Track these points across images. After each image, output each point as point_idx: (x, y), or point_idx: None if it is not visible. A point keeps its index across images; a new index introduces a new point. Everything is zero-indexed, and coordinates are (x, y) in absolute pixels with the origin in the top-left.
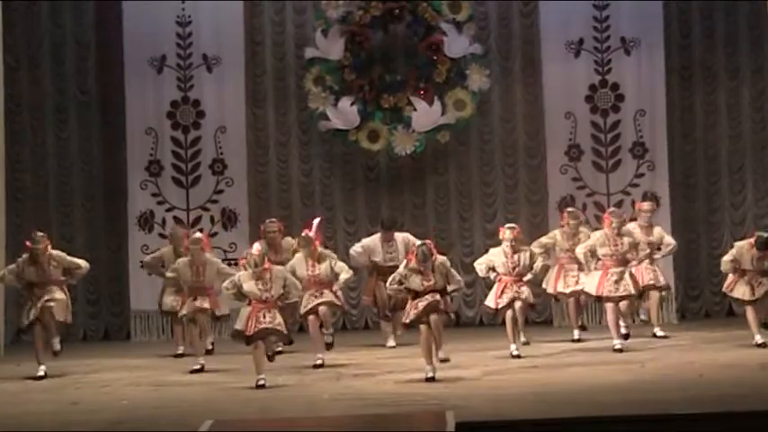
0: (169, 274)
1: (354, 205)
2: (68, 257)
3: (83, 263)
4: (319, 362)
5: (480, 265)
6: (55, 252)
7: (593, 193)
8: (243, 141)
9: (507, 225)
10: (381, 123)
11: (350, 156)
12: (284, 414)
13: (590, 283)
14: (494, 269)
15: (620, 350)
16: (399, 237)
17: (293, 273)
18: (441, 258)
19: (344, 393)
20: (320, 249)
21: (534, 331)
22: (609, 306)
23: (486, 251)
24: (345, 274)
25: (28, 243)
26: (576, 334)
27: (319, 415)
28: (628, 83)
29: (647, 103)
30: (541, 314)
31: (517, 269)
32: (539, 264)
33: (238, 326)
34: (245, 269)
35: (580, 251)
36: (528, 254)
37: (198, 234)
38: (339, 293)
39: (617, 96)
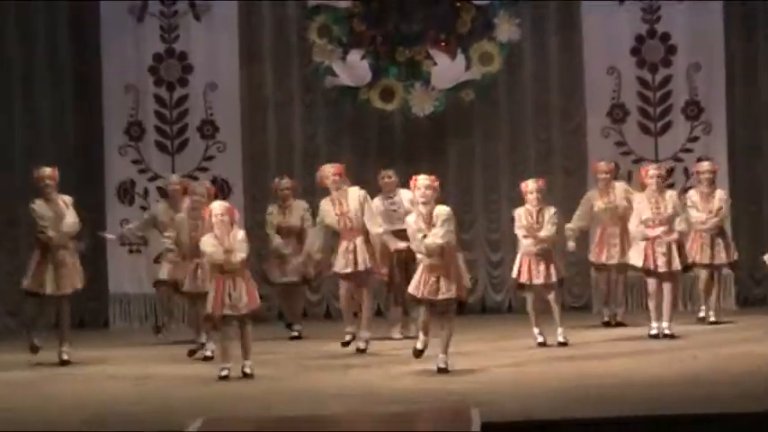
0: (168, 234)
1: (365, 173)
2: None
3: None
4: (349, 337)
5: (519, 226)
6: None
7: (640, 160)
8: (236, 101)
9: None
10: (396, 80)
11: (360, 117)
12: (285, 411)
13: (635, 251)
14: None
15: (656, 336)
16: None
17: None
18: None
19: (353, 388)
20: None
21: (570, 317)
22: (652, 282)
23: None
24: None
25: None
26: (612, 314)
27: (324, 413)
28: (680, 32)
29: (702, 55)
30: (579, 298)
31: (543, 229)
32: (552, 224)
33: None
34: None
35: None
36: (553, 210)
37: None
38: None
39: (668, 48)
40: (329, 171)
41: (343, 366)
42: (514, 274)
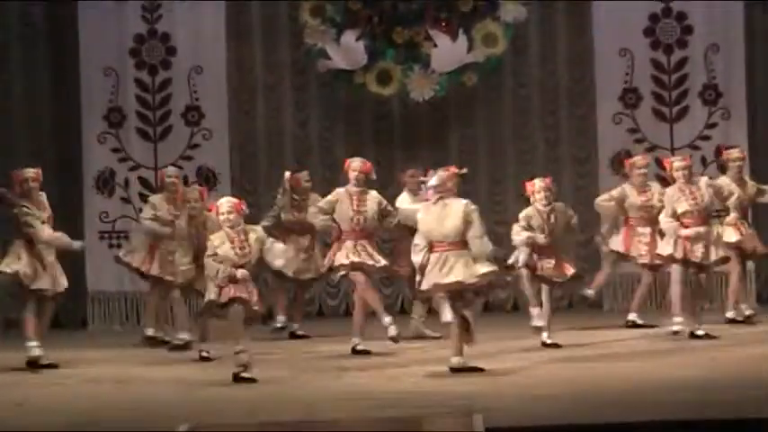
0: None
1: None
2: None
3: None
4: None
5: (520, 230)
6: None
7: (654, 148)
8: (223, 85)
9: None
10: (394, 63)
11: (355, 103)
12: (276, 417)
13: (665, 242)
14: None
15: (676, 332)
16: None
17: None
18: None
19: (349, 392)
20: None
21: (580, 316)
22: (677, 272)
23: None
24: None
25: None
26: (632, 316)
27: (319, 418)
28: (697, 11)
29: (721, 36)
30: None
31: (555, 229)
32: (575, 221)
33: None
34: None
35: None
36: (563, 207)
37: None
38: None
39: (684, 28)
40: (358, 165)
41: (337, 369)
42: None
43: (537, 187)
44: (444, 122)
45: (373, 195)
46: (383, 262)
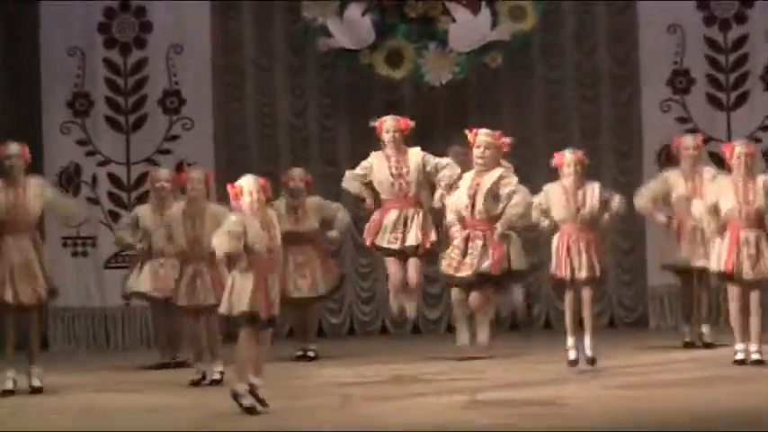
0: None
1: (367, 157)
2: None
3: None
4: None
5: (537, 211)
6: None
7: (709, 140)
8: (207, 66)
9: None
10: (406, 41)
11: (361, 87)
12: None
13: (715, 253)
14: (545, 214)
15: (742, 361)
16: None
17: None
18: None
19: (353, 423)
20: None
21: (623, 335)
22: (734, 292)
23: None
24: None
25: None
26: (698, 333)
27: None
28: None
29: None
30: (633, 312)
31: (583, 211)
32: (618, 204)
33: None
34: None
35: (698, 208)
36: (597, 187)
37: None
38: None
39: (743, 1)
40: (391, 124)
41: (341, 397)
42: (556, 268)
43: (567, 159)
44: (464, 110)
45: (414, 154)
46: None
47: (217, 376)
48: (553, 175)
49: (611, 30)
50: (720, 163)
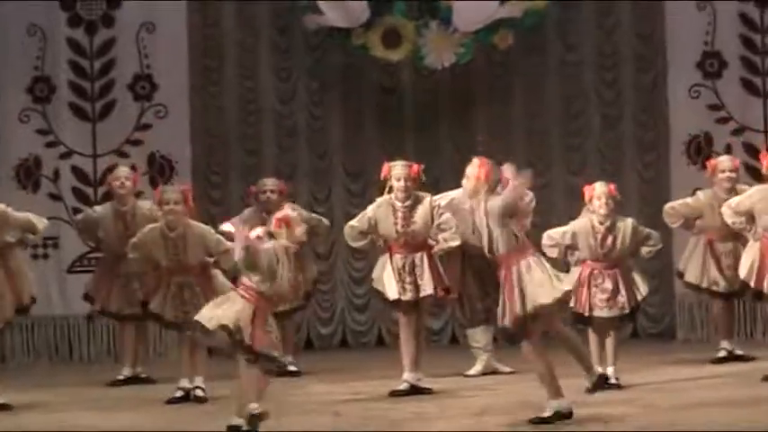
0: (132, 255)
1: (361, 149)
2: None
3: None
4: (404, 386)
5: (551, 245)
6: None
7: (743, 129)
8: (183, 47)
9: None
10: (405, 18)
11: (354, 70)
12: None
13: (744, 265)
14: (573, 249)
15: None
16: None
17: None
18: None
19: None
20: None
21: (649, 347)
22: None
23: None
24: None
25: None
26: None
27: None
28: None
29: None
30: (659, 322)
31: (613, 253)
32: (654, 249)
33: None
34: None
35: (729, 211)
36: (630, 227)
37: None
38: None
39: None
40: (401, 172)
41: (332, 415)
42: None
43: (597, 192)
44: (470, 97)
45: (425, 201)
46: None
47: (200, 393)
48: (570, 168)
49: (634, 5)
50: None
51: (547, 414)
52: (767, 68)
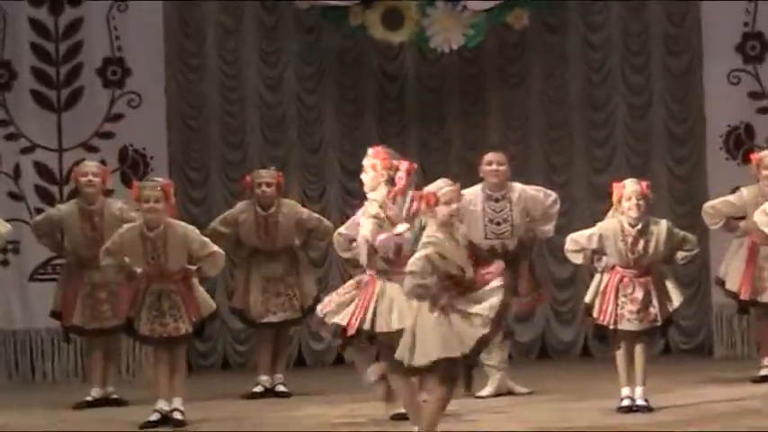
0: (106, 262)
1: (359, 141)
2: None
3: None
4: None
5: (576, 250)
6: None
7: None
8: (159, 27)
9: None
10: None
11: (351, 54)
12: None
13: None
14: (599, 254)
15: None
16: (517, 187)
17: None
18: None
19: None
20: None
21: (682, 364)
22: None
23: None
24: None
25: None
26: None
27: None
28: None
29: None
30: (693, 336)
31: (644, 259)
32: (690, 255)
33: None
34: None
35: (766, 219)
36: (665, 230)
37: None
38: None
39: None
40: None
41: None
42: (597, 313)
43: (628, 191)
44: (480, 82)
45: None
46: None
47: (178, 416)
48: (592, 163)
49: None
50: None
51: None
52: None
